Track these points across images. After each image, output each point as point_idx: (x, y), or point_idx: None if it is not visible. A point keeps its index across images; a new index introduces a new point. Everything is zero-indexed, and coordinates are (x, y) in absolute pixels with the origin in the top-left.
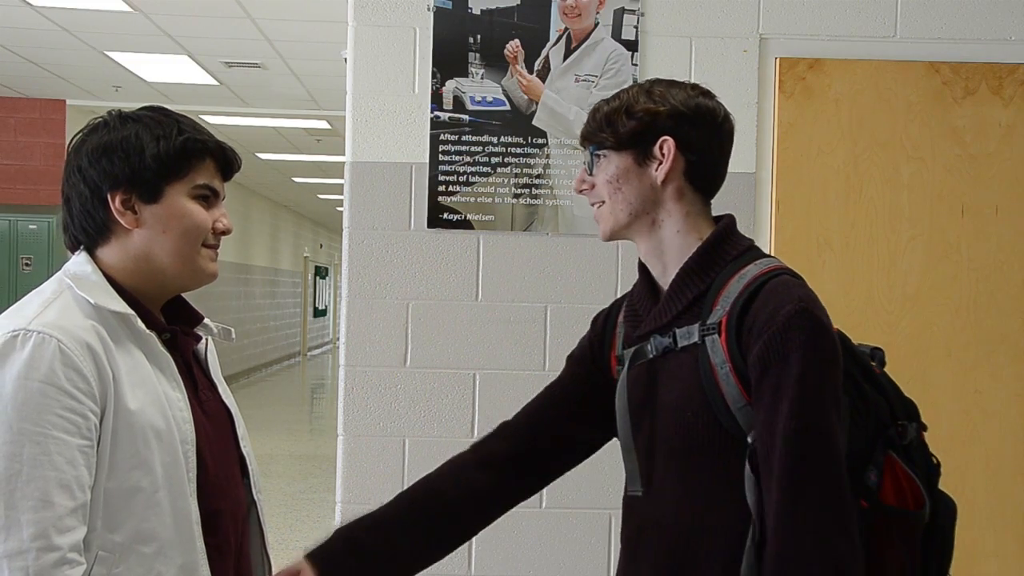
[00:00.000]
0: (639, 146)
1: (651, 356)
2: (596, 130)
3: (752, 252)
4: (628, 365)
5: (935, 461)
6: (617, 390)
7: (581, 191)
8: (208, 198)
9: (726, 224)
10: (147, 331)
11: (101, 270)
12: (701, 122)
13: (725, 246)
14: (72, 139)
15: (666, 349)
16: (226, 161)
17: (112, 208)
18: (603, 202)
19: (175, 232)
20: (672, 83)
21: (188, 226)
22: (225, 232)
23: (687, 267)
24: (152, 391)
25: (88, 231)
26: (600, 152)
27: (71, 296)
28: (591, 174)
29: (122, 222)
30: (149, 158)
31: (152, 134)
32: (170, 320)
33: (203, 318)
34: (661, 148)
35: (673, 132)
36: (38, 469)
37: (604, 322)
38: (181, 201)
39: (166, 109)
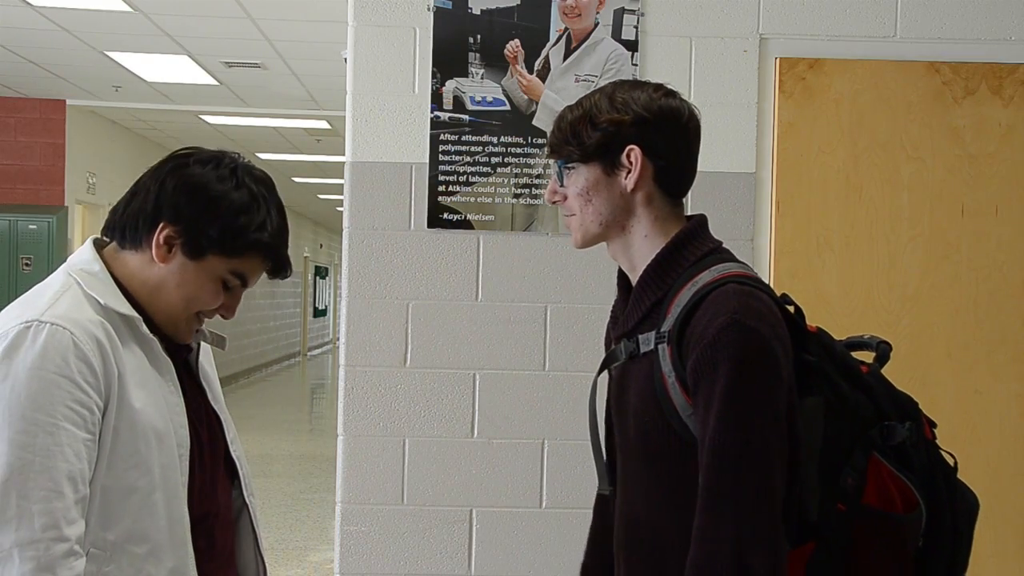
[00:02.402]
0: (606, 156)
1: (621, 360)
2: (562, 142)
3: (713, 256)
4: (600, 368)
5: (951, 461)
6: (590, 389)
7: (554, 202)
8: (233, 286)
9: (689, 228)
10: (150, 335)
11: (111, 269)
12: (666, 125)
13: (684, 251)
14: (183, 149)
15: (631, 354)
16: (277, 268)
17: (155, 234)
18: (574, 214)
19: (183, 292)
20: (635, 85)
21: (194, 297)
22: (224, 318)
23: (646, 273)
24: (154, 393)
25: (126, 233)
26: (569, 165)
27: (80, 291)
28: (562, 185)
29: (153, 251)
30: (217, 228)
31: (236, 208)
32: None
33: None
34: (628, 157)
35: (638, 140)
36: (50, 460)
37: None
38: (209, 275)
39: (273, 186)
